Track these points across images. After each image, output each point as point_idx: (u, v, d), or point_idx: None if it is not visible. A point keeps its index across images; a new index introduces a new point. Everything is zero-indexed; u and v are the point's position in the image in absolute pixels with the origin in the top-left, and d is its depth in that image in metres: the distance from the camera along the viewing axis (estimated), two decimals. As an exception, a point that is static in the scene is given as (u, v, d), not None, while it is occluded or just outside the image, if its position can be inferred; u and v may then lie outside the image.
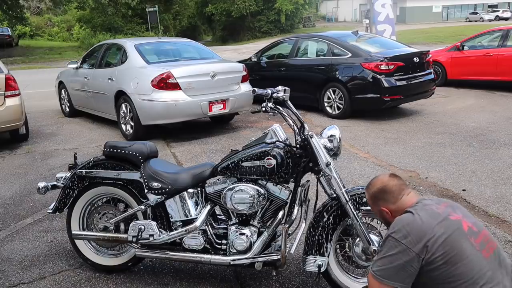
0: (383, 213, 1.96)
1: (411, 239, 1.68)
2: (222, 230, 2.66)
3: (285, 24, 43.26)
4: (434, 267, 1.66)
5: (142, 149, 2.76)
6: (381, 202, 1.96)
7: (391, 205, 1.92)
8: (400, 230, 1.72)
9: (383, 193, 1.94)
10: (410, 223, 1.72)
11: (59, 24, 47.37)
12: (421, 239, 1.67)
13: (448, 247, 1.64)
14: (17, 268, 3.05)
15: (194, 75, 6.15)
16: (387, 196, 1.93)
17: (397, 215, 1.87)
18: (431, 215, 1.73)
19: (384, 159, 5.19)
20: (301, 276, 2.82)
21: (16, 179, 4.98)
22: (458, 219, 1.73)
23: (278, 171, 2.42)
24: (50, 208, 2.95)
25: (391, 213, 1.92)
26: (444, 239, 1.65)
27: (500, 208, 3.75)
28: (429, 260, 1.66)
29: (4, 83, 6.00)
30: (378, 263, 1.76)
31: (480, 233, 1.73)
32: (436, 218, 1.71)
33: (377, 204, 1.98)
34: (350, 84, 7.10)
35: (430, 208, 1.77)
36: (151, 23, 30.27)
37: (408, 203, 1.88)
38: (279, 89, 2.51)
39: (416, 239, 1.67)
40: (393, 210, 1.92)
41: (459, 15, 56.59)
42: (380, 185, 1.95)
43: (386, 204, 1.94)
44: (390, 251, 1.72)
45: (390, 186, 1.92)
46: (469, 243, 1.67)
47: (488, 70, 9.25)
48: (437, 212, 1.74)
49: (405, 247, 1.68)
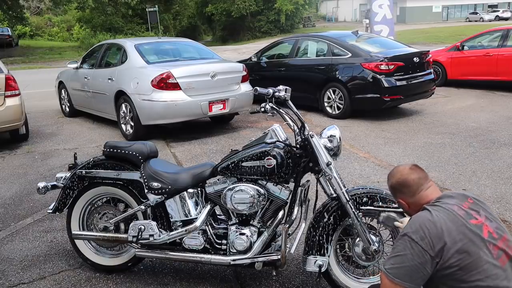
0: (400, 204, 1.96)
1: (428, 242, 1.64)
2: (222, 230, 2.66)
3: (285, 24, 43.28)
4: (449, 272, 1.62)
5: (142, 149, 2.76)
6: (398, 194, 1.94)
7: (409, 198, 1.89)
8: (417, 231, 1.67)
9: (401, 186, 1.91)
10: (428, 224, 1.67)
11: (59, 24, 47.40)
12: (438, 243, 1.62)
13: (465, 254, 1.61)
14: (17, 268, 3.05)
15: (194, 75, 6.15)
16: (405, 189, 1.90)
17: (414, 207, 1.85)
18: (451, 219, 1.67)
19: (384, 159, 5.19)
20: (301, 276, 2.82)
21: (16, 179, 4.98)
22: (479, 224, 1.68)
23: (278, 171, 2.42)
24: (50, 208, 2.95)
25: (408, 205, 1.91)
26: (461, 246, 1.61)
27: (500, 208, 3.75)
28: (444, 265, 1.62)
29: (4, 83, 6.00)
30: (392, 261, 1.71)
31: (499, 239, 1.68)
32: (456, 223, 1.66)
33: (395, 195, 1.98)
34: (350, 84, 7.10)
35: (451, 209, 1.71)
36: (151, 23, 30.27)
37: (426, 198, 1.84)
38: (280, 89, 2.51)
39: (433, 243, 1.63)
40: (410, 203, 1.90)
41: (459, 15, 56.59)
42: (399, 177, 1.92)
43: (403, 196, 1.91)
44: (405, 251, 1.67)
45: (409, 179, 1.88)
46: (487, 251, 1.62)
47: (488, 70, 9.24)
48: (458, 215, 1.69)
49: (421, 248, 1.64)
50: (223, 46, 36.79)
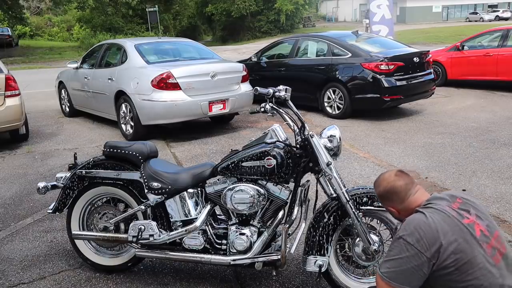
0: (390, 211, 1.95)
1: (423, 244, 1.64)
2: (222, 230, 2.66)
3: (285, 24, 43.26)
4: (445, 272, 1.63)
5: (142, 149, 2.76)
6: (387, 202, 1.93)
7: (398, 205, 1.89)
8: (412, 233, 1.67)
9: (389, 193, 1.90)
10: (423, 226, 1.67)
11: (59, 24, 47.40)
12: (433, 244, 1.63)
13: (460, 254, 1.61)
14: (17, 268, 3.05)
15: (194, 75, 6.15)
16: (394, 197, 1.89)
17: (405, 213, 1.84)
18: (445, 220, 1.68)
19: (384, 159, 5.19)
20: (301, 276, 2.82)
21: (16, 179, 4.98)
22: (471, 223, 1.69)
23: (278, 171, 2.42)
24: (50, 208, 2.95)
25: (398, 212, 1.90)
26: (456, 246, 1.62)
27: (500, 208, 3.75)
28: (440, 265, 1.63)
29: (4, 83, 6.00)
30: (387, 265, 1.71)
31: (491, 237, 1.69)
32: (450, 223, 1.67)
33: (384, 203, 1.97)
34: (350, 84, 7.10)
35: (443, 210, 1.71)
36: (151, 23, 30.27)
37: (416, 202, 1.84)
38: (280, 89, 2.52)
39: (429, 244, 1.63)
40: (400, 209, 1.89)
41: (459, 15, 56.58)
42: (386, 185, 1.91)
43: (393, 204, 1.90)
44: (401, 254, 1.67)
45: (397, 186, 1.87)
46: (481, 249, 1.63)
47: (488, 70, 9.24)
48: (451, 215, 1.69)
49: (417, 251, 1.64)
50: (223, 46, 36.79)
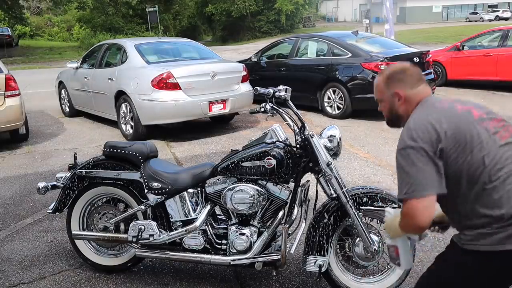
0: (393, 98, 1.76)
1: (426, 139, 1.54)
2: (222, 230, 2.66)
3: (285, 24, 43.27)
4: (451, 161, 1.55)
5: (142, 149, 2.76)
6: (397, 84, 1.75)
7: (408, 90, 1.72)
8: (411, 136, 1.57)
9: (402, 73, 1.75)
10: (418, 121, 1.60)
11: (59, 24, 47.38)
12: (433, 134, 1.55)
13: (458, 137, 1.54)
14: (17, 268, 3.05)
15: (194, 75, 6.15)
16: (406, 78, 1.73)
17: (408, 107, 1.73)
18: (439, 110, 1.62)
19: (384, 159, 5.19)
20: (301, 276, 2.82)
21: (16, 179, 4.98)
22: (467, 108, 1.62)
23: (278, 171, 2.42)
24: (50, 208, 2.95)
25: (404, 99, 1.73)
26: (455, 129, 1.55)
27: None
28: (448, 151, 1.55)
29: (4, 83, 6.00)
30: (405, 186, 1.57)
31: (493, 119, 1.61)
32: (445, 112, 1.60)
33: (391, 87, 1.76)
34: (350, 84, 7.10)
35: (438, 102, 1.66)
36: (151, 23, 30.25)
37: (423, 94, 1.71)
38: (280, 89, 2.52)
39: (430, 136, 1.55)
40: (407, 96, 1.72)
41: (459, 15, 56.58)
42: (400, 66, 1.78)
43: (402, 86, 1.73)
44: (408, 165, 1.57)
45: (411, 70, 1.75)
46: (480, 128, 1.56)
47: (488, 70, 9.24)
48: (445, 107, 1.63)
49: (423, 151, 1.54)
50: (223, 46, 36.79)
